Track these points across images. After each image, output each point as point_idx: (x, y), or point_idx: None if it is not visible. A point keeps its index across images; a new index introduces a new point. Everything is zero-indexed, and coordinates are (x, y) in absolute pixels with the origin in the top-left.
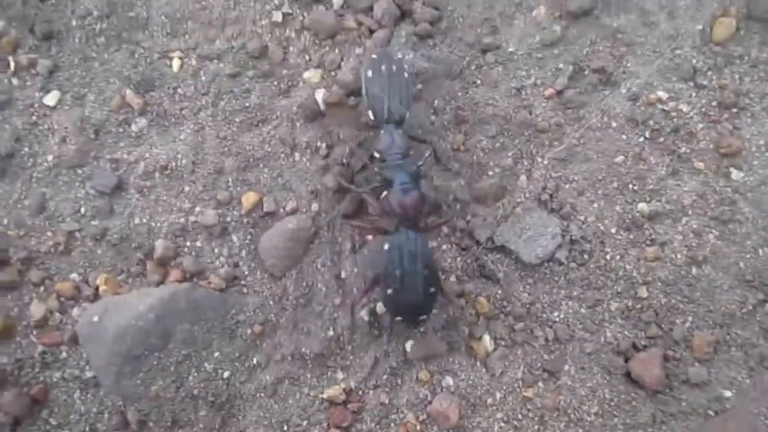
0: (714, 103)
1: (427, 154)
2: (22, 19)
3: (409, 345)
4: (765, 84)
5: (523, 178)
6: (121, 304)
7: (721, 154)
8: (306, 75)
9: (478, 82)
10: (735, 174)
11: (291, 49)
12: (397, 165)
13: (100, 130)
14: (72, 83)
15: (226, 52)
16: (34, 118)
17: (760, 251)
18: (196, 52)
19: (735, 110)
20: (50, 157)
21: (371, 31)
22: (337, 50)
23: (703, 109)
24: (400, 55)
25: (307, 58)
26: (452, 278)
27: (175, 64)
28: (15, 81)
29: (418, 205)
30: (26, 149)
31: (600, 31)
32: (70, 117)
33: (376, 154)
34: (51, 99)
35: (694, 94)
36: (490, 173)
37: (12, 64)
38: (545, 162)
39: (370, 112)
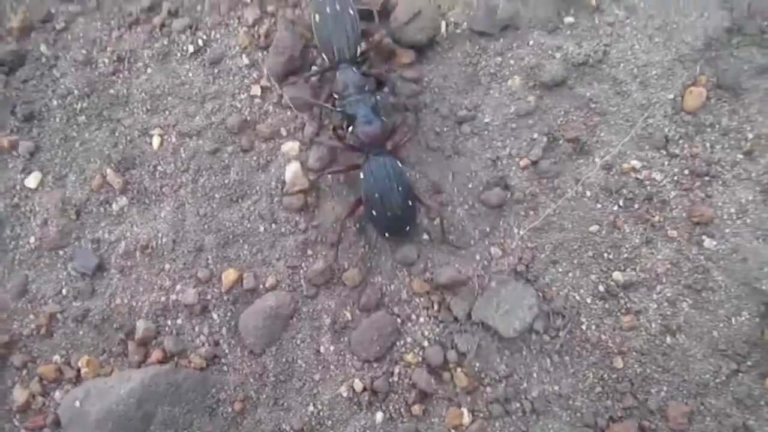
0: (686, 172)
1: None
2: (3, 101)
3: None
4: (735, 152)
5: (498, 249)
6: (102, 388)
7: (694, 223)
8: (284, 148)
9: (455, 153)
10: (707, 242)
11: (269, 122)
12: (356, 100)
13: (81, 210)
14: (53, 164)
15: (205, 128)
16: (15, 200)
17: (733, 320)
18: (176, 129)
19: (707, 178)
20: (32, 239)
21: None
22: (314, 122)
23: (676, 178)
24: None
25: (285, 131)
26: (430, 351)
27: (155, 141)
28: None
29: (382, 132)
30: (8, 232)
31: (573, 101)
32: (51, 198)
33: (336, 95)
34: (32, 181)
35: (666, 163)
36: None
37: None
38: (521, 232)
39: (323, 55)
